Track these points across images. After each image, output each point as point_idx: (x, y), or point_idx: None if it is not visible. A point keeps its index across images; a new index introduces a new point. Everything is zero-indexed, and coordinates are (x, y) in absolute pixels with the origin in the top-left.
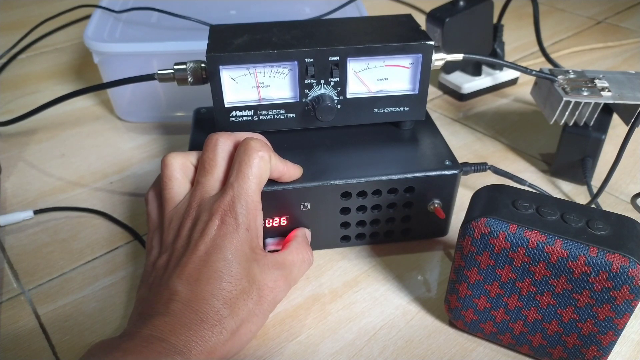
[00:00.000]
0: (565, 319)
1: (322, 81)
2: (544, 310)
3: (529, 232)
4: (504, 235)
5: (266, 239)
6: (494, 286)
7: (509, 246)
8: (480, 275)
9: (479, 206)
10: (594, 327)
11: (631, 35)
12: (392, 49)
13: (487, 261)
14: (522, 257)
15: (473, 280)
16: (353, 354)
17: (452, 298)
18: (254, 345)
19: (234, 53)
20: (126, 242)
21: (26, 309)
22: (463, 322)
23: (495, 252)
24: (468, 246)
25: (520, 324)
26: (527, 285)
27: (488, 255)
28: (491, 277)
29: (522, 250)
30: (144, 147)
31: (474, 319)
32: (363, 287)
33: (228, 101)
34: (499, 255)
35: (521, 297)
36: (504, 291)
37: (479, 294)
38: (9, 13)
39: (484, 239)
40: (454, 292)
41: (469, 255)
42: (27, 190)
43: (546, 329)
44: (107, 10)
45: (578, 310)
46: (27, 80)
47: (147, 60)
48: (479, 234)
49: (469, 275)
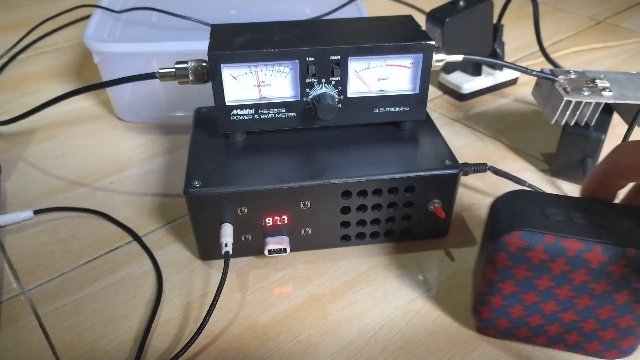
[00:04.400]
0: (603, 317)
1: (323, 80)
2: (581, 311)
3: (566, 241)
4: (542, 247)
5: (266, 237)
6: (531, 295)
7: (548, 257)
8: (517, 287)
9: (505, 217)
10: (632, 320)
11: (631, 35)
12: (393, 49)
13: (524, 273)
14: (561, 267)
15: (508, 292)
16: (353, 354)
17: (484, 309)
18: (254, 345)
19: (236, 51)
20: (126, 242)
21: (26, 309)
22: (496, 331)
23: (533, 264)
24: (503, 261)
25: (557, 326)
26: (566, 290)
27: (525, 267)
28: (528, 287)
29: (562, 259)
30: (144, 147)
31: (507, 327)
32: (363, 287)
33: (229, 100)
34: (537, 267)
35: (558, 302)
36: (541, 299)
37: (514, 304)
38: (9, 13)
39: (521, 253)
40: (486, 304)
41: (504, 269)
42: (27, 190)
43: (582, 327)
44: (107, 10)
45: (617, 307)
46: (27, 80)
47: (147, 60)
48: (514, 248)
49: (504, 287)
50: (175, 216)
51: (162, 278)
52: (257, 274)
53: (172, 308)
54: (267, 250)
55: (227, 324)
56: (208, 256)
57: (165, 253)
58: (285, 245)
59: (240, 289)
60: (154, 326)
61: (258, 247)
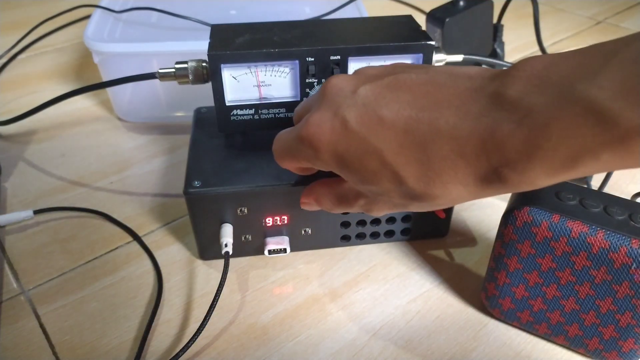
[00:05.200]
0: (604, 310)
1: (323, 80)
2: (582, 300)
3: (571, 222)
4: (547, 224)
5: (266, 237)
6: (534, 275)
7: (551, 235)
8: (520, 263)
9: (521, 195)
10: (632, 319)
11: None
12: (393, 49)
13: (528, 250)
14: (563, 247)
15: (512, 268)
16: (353, 354)
17: (490, 286)
18: (254, 345)
19: (236, 52)
20: (126, 242)
21: (26, 309)
22: (500, 311)
23: (536, 241)
24: (509, 234)
25: (558, 314)
26: (567, 275)
27: (529, 243)
28: (531, 266)
29: (564, 239)
30: (144, 147)
31: (511, 308)
32: (363, 287)
33: (229, 100)
34: (541, 244)
35: (560, 287)
36: (543, 280)
37: (518, 283)
38: (9, 13)
39: (526, 228)
40: (492, 280)
41: (510, 243)
42: (27, 190)
43: (583, 320)
44: (107, 10)
45: (617, 301)
46: (27, 80)
47: (147, 60)
48: (521, 222)
49: (509, 263)
50: (175, 216)
51: (162, 278)
52: (257, 274)
53: (172, 308)
54: (267, 250)
55: (227, 324)
56: (208, 256)
57: (165, 253)
58: (285, 245)
59: (240, 289)
60: (154, 326)
61: (258, 247)
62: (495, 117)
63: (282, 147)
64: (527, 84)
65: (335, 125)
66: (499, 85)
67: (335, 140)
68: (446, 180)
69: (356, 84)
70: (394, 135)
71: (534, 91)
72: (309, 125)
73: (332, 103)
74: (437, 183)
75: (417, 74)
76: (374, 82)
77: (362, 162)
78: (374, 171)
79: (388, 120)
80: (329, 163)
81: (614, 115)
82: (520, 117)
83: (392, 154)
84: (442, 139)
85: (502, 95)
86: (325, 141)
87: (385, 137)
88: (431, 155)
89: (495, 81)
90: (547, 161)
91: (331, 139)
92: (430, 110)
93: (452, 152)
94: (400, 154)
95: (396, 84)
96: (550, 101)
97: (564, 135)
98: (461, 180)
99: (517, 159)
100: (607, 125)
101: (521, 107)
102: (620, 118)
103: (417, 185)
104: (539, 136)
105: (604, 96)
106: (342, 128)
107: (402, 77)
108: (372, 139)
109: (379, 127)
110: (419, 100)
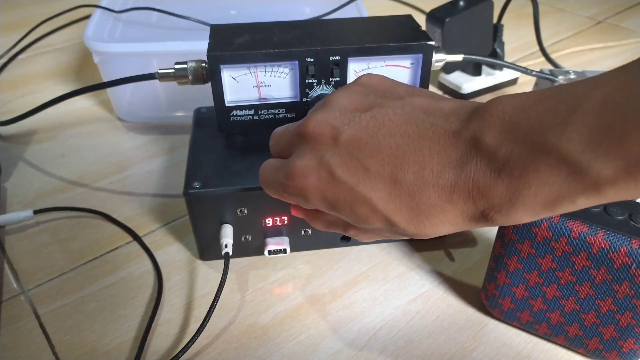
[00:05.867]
0: (604, 310)
1: (322, 81)
2: (582, 300)
3: (571, 222)
4: (547, 224)
5: (266, 238)
6: (534, 275)
7: (551, 235)
8: (520, 263)
9: None
10: (632, 319)
11: (631, 35)
12: (392, 49)
13: (528, 250)
14: (563, 247)
15: (512, 268)
16: (353, 354)
17: (490, 286)
18: (254, 345)
19: (235, 52)
20: (126, 242)
21: (26, 309)
22: (500, 311)
23: (536, 241)
24: (509, 234)
25: (558, 314)
26: (567, 275)
27: (529, 243)
28: (531, 266)
29: (564, 239)
30: (144, 147)
31: (510, 308)
32: (363, 287)
33: (229, 100)
34: (541, 244)
35: (560, 287)
36: (543, 280)
37: (518, 283)
38: (9, 13)
39: (526, 228)
40: (492, 280)
41: (510, 243)
42: (27, 190)
43: (583, 320)
44: (107, 10)
45: (617, 301)
46: (27, 80)
47: (147, 60)
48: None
49: (509, 263)
50: (175, 216)
51: (162, 278)
52: (257, 274)
53: (172, 308)
54: (267, 250)
55: (227, 324)
56: (208, 256)
57: (165, 253)
58: (285, 246)
59: (240, 289)
60: (154, 326)
61: (258, 248)
62: (476, 166)
63: (270, 186)
64: (500, 130)
65: (322, 175)
66: (475, 131)
67: (323, 189)
68: (436, 222)
69: (335, 126)
70: (382, 184)
71: (508, 139)
72: (294, 175)
73: (315, 150)
74: (427, 225)
75: (394, 109)
76: (352, 124)
77: (353, 209)
78: (364, 216)
79: (374, 170)
80: (319, 206)
81: (584, 167)
82: (499, 166)
83: (382, 202)
84: (429, 188)
85: (479, 142)
86: (313, 191)
87: (373, 187)
88: (420, 202)
89: (471, 125)
90: (529, 205)
91: (319, 188)
92: (414, 159)
93: (440, 200)
94: (390, 202)
95: (375, 125)
96: (525, 152)
97: (542, 184)
98: (450, 220)
99: (501, 203)
100: (579, 176)
101: (498, 156)
102: (590, 169)
103: (408, 227)
104: (519, 185)
105: (573, 149)
106: (329, 177)
107: (380, 115)
108: (361, 189)
109: (366, 177)
110: (401, 146)
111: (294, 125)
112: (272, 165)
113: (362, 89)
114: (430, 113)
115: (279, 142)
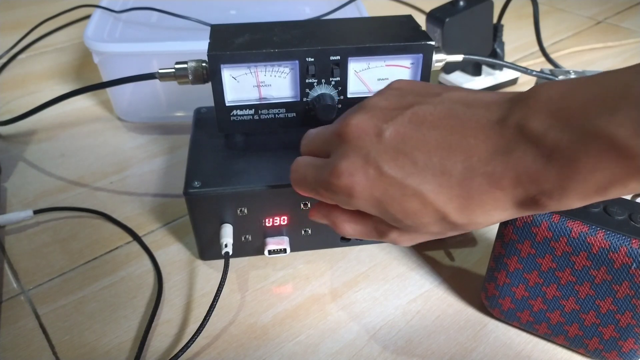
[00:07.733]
0: (604, 310)
1: (322, 81)
2: (582, 300)
3: (571, 222)
4: (547, 224)
5: (266, 238)
6: (534, 275)
7: (551, 235)
8: (520, 263)
9: None
10: (632, 319)
11: (631, 35)
12: (393, 49)
13: (528, 250)
14: (563, 247)
15: (512, 268)
16: (353, 354)
17: (490, 286)
18: (254, 345)
19: (236, 52)
20: (126, 242)
21: (26, 309)
22: (499, 311)
23: (536, 241)
24: (509, 234)
25: (558, 314)
26: (567, 275)
27: (529, 244)
28: (531, 266)
29: (564, 239)
30: (144, 147)
31: (510, 308)
32: (363, 287)
33: (229, 100)
34: (541, 244)
35: (560, 287)
36: (543, 280)
37: (518, 283)
38: (9, 13)
39: (526, 228)
40: (492, 280)
41: (510, 243)
42: (27, 190)
43: (583, 320)
44: (107, 10)
45: (617, 301)
46: (27, 80)
47: (147, 60)
48: (521, 223)
49: (509, 263)
50: (175, 216)
51: (162, 278)
52: (257, 274)
53: (172, 308)
54: (267, 250)
55: (227, 324)
56: (208, 256)
57: (165, 253)
58: (285, 246)
59: (240, 289)
60: (154, 326)
61: (258, 248)
62: (524, 152)
63: (305, 183)
64: (547, 116)
65: (369, 173)
66: (520, 117)
67: (370, 186)
68: (488, 209)
69: (377, 124)
70: (431, 176)
71: (556, 125)
72: (341, 174)
73: (359, 149)
74: (479, 213)
75: (434, 105)
76: (395, 121)
77: (402, 204)
78: (414, 211)
79: (422, 163)
80: (364, 206)
81: (636, 152)
82: (548, 152)
83: (433, 194)
84: (478, 176)
85: (526, 128)
86: (361, 189)
87: (422, 179)
88: (470, 190)
89: (516, 112)
90: (580, 190)
91: (366, 186)
92: (461, 149)
93: (490, 187)
94: (441, 193)
95: (417, 120)
96: (575, 138)
97: (593, 169)
98: (501, 206)
99: (552, 189)
100: (631, 160)
101: (547, 142)
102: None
103: (460, 218)
104: (569, 171)
105: (624, 134)
106: (376, 174)
107: (421, 111)
108: (410, 182)
109: (414, 170)
110: (446, 137)
111: (332, 127)
112: (309, 163)
113: (397, 92)
114: (470, 105)
115: (314, 141)
